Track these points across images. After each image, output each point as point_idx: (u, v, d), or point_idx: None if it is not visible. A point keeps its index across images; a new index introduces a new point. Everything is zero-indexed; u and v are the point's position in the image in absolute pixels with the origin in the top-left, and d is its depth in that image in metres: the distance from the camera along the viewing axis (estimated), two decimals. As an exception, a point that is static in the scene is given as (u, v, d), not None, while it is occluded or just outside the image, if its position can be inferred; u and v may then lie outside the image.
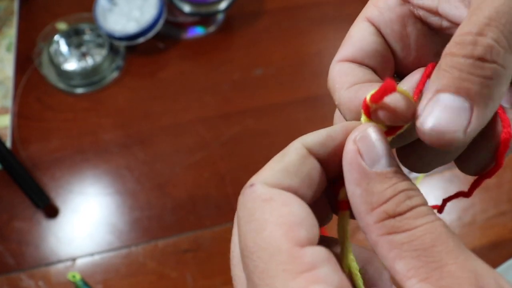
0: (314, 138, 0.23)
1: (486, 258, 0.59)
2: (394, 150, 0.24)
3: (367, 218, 0.20)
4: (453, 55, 0.20)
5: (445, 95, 0.20)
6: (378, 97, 0.21)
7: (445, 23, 0.24)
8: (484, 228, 0.61)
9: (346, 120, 0.25)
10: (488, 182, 0.64)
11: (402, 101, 0.21)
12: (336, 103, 0.25)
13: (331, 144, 0.22)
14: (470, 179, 0.26)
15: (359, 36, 0.26)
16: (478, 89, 0.19)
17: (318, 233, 0.20)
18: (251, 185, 0.21)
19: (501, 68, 0.20)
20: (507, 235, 0.61)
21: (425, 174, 0.64)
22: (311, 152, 0.22)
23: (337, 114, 0.27)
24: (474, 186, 0.26)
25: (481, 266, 0.19)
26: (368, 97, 0.22)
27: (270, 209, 0.20)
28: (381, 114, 0.22)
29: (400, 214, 0.20)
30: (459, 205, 0.62)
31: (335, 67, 0.26)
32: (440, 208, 0.28)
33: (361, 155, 0.21)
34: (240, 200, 0.21)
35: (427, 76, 0.24)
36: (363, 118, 0.23)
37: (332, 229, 0.24)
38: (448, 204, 0.28)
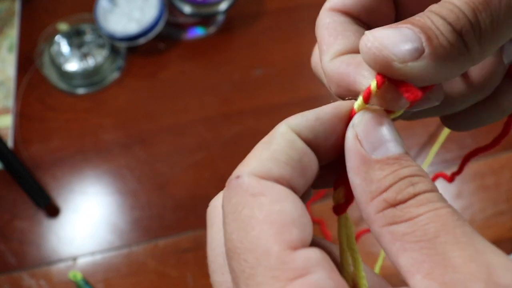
0: (302, 121, 0.20)
1: (485, 257, 0.60)
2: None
3: (368, 208, 0.19)
4: (431, 11, 0.19)
5: (407, 29, 0.19)
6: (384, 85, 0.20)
7: None
8: (483, 227, 0.61)
9: (330, 89, 0.23)
10: (487, 182, 0.64)
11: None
12: (322, 66, 0.23)
13: (320, 128, 0.20)
14: (469, 179, 0.27)
15: None
16: (436, 43, 0.18)
17: (312, 231, 0.18)
18: (237, 177, 0.19)
19: (463, 47, 0.19)
20: (505, 234, 0.61)
21: (432, 156, 0.64)
22: (300, 136, 0.20)
23: (316, 54, 0.24)
24: (494, 143, 0.26)
25: (497, 258, 0.16)
26: (373, 86, 0.20)
27: (259, 206, 0.18)
28: (386, 97, 0.20)
29: (401, 202, 0.18)
30: (458, 204, 0.63)
31: (325, 17, 0.23)
32: (457, 172, 0.28)
33: (360, 141, 0.19)
34: (225, 194, 0.19)
35: None
36: (359, 103, 0.20)
37: (332, 228, 0.24)
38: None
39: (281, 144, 0.19)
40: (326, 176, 0.22)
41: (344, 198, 0.21)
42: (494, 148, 0.26)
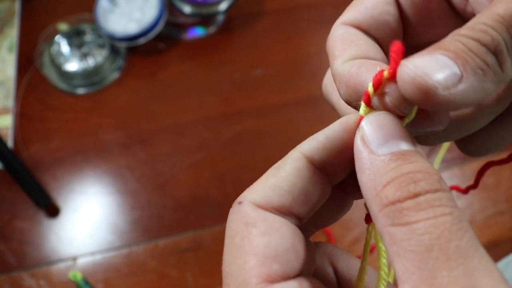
0: (312, 144, 0.21)
1: (485, 257, 0.60)
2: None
3: (372, 206, 0.18)
4: (460, 34, 0.19)
5: (441, 55, 0.18)
6: (380, 84, 0.20)
7: (469, 8, 0.23)
8: (483, 227, 0.61)
9: (339, 92, 0.23)
10: (486, 182, 0.64)
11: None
12: (332, 71, 0.23)
13: (331, 146, 0.21)
14: (468, 178, 0.27)
15: (371, 2, 0.24)
16: (473, 66, 0.18)
17: (301, 263, 0.19)
18: (240, 203, 0.20)
19: (498, 66, 0.19)
20: (505, 234, 0.61)
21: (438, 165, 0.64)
22: (312, 160, 0.21)
23: (328, 79, 0.25)
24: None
25: (486, 282, 0.16)
26: (370, 89, 0.20)
27: (249, 236, 0.19)
28: (389, 94, 0.20)
29: (400, 201, 0.17)
30: (458, 204, 0.63)
31: (338, 29, 0.24)
32: (472, 186, 0.27)
33: (366, 140, 0.19)
34: (229, 217, 0.20)
35: None
36: (363, 109, 0.21)
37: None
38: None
39: (287, 171, 0.20)
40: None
41: None
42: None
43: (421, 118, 0.20)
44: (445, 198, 0.17)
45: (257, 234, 0.19)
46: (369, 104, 0.20)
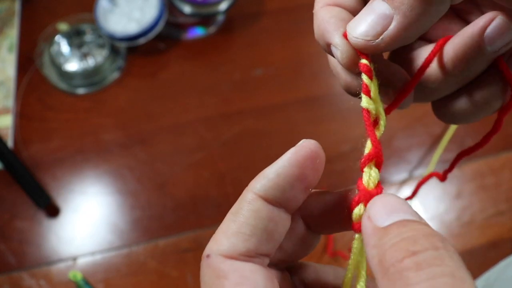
0: (264, 183, 0.21)
1: (485, 257, 0.60)
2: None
3: (377, 274, 0.18)
4: None
5: (378, 2, 0.22)
6: None
7: None
8: (483, 227, 0.61)
9: (341, 63, 0.24)
10: (487, 182, 0.64)
11: None
12: (333, 46, 0.24)
13: (283, 182, 0.21)
14: (469, 179, 0.27)
15: None
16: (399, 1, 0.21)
17: None
18: (208, 256, 0.20)
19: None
20: (505, 234, 0.61)
21: (434, 164, 0.64)
22: (266, 198, 0.21)
23: (332, 60, 0.27)
24: (483, 142, 0.26)
25: None
26: (364, 78, 0.23)
27: None
28: None
29: (399, 261, 0.17)
30: (458, 204, 0.63)
31: (323, 11, 0.25)
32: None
33: (372, 219, 0.19)
34: (201, 271, 0.21)
35: (435, 53, 0.24)
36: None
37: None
38: (447, 204, 0.29)
39: (245, 215, 0.21)
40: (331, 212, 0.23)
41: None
42: (485, 145, 0.26)
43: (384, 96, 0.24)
44: (447, 257, 0.16)
45: (230, 286, 0.19)
46: (368, 94, 0.23)
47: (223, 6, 0.75)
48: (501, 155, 0.66)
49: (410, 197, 0.45)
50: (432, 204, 0.63)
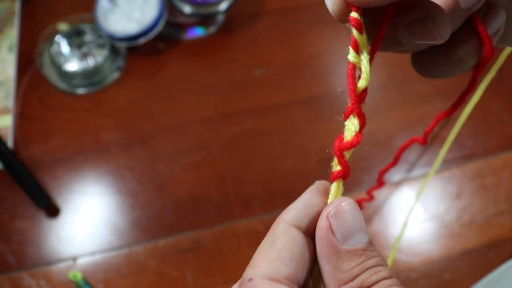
0: (295, 213, 0.23)
1: (485, 257, 0.60)
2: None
3: None
4: None
5: None
6: None
7: None
8: (483, 227, 0.61)
9: (332, 14, 0.25)
10: (487, 182, 0.64)
11: None
12: None
13: (312, 212, 0.23)
14: (469, 179, 0.27)
15: None
16: None
17: None
18: (250, 280, 0.21)
19: None
20: (505, 235, 0.61)
21: (434, 173, 0.64)
22: (299, 227, 0.22)
23: None
24: (458, 102, 0.26)
25: None
26: (354, 32, 0.23)
27: None
28: None
29: None
30: (458, 204, 0.63)
31: None
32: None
33: (333, 231, 0.21)
34: None
35: None
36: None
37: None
38: (447, 204, 0.29)
39: (283, 242, 0.22)
40: None
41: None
42: (460, 106, 0.27)
43: (423, 31, 0.23)
44: (397, 282, 0.20)
45: None
46: (356, 48, 0.23)
47: (223, 6, 0.75)
48: (501, 155, 0.66)
49: (393, 164, 0.46)
50: (432, 204, 0.63)
